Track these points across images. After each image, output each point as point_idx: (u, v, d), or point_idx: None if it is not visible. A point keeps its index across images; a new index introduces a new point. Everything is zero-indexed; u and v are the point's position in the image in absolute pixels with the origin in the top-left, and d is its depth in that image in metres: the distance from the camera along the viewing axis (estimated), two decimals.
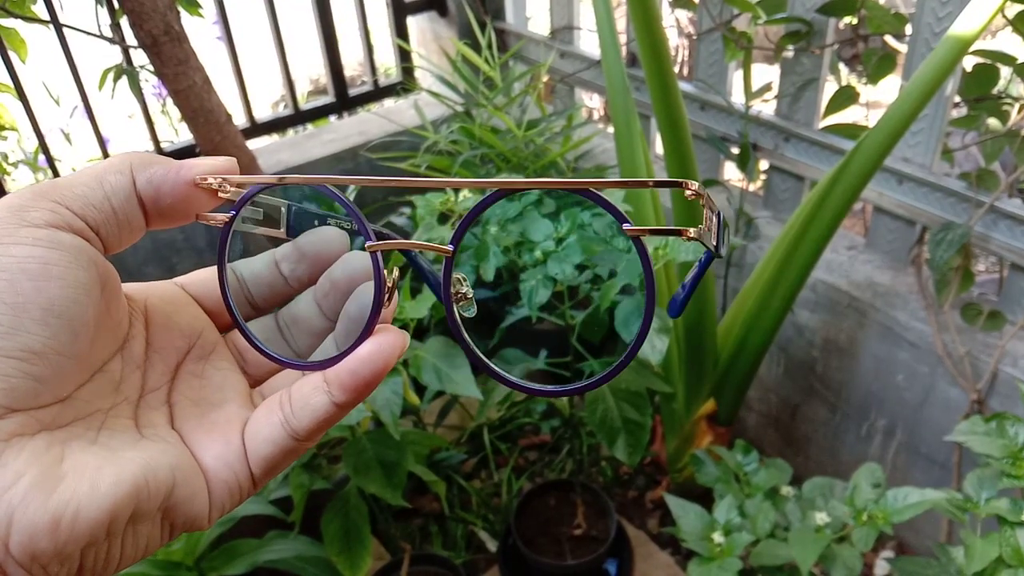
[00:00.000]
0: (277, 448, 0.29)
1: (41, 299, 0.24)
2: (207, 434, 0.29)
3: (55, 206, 0.26)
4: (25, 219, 0.25)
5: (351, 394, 0.28)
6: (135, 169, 0.28)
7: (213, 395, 0.30)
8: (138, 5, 0.97)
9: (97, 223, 0.27)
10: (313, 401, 0.28)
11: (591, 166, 1.55)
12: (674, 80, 1.05)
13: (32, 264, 0.24)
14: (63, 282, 0.25)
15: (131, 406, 0.29)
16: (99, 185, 0.27)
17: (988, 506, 0.79)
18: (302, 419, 0.28)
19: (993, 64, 1.11)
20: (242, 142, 1.16)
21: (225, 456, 0.29)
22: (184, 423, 0.29)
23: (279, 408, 0.29)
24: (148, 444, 0.27)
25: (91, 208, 0.27)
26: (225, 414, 0.30)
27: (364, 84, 1.72)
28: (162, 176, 0.28)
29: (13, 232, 0.25)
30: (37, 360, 0.24)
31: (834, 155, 1.25)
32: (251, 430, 0.29)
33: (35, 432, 0.24)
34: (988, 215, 1.12)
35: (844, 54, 1.56)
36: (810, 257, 1.09)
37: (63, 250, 0.25)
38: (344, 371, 0.28)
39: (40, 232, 0.25)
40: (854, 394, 1.32)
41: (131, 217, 0.28)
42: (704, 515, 0.94)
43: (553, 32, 1.64)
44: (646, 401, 1.01)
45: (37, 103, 1.30)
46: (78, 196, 0.26)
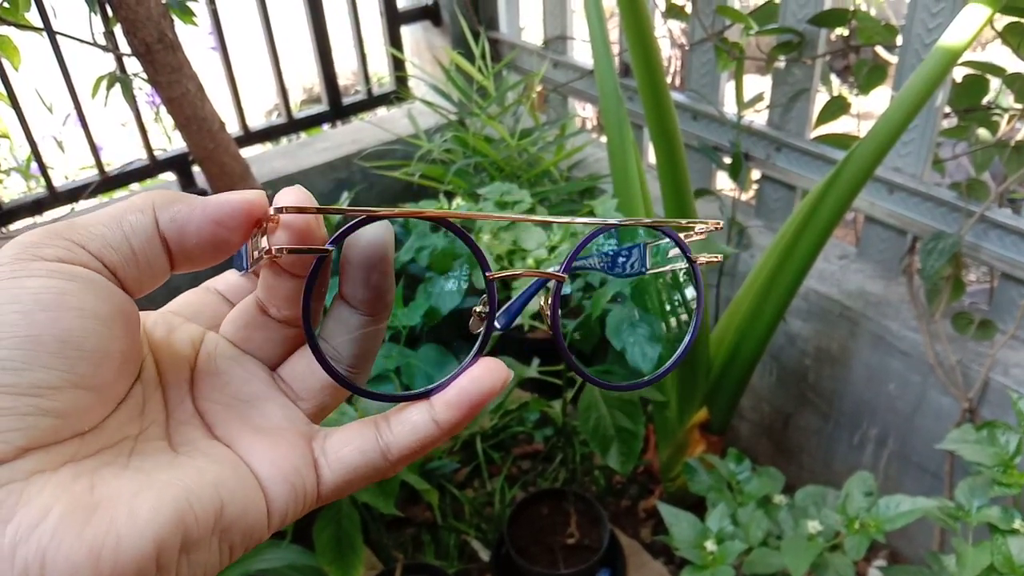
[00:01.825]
0: (365, 460, 0.28)
1: (57, 330, 0.23)
2: (257, 438, 0.28)
3: (70, 244, 0.24)
4: (39, 255, 0.24)
5: (456, 414, 0.27)
6: (157, 208, 0.26)
7: (242, 391, 0.29)
8: (132, 13, 0.97)
9: (115, 264, 0.25)
10: (416, 419, 0.28)
11: (584, 175, 1.56)
12: (666, 90, 1.06)
13: (46, 295, 0.23)
14: (81, 312, 0.24)
15: (160, 427, 0.27)
16: (118, 225, 0.25)
17: (980, 514, 0.79)
18: (399, 435, 0.28)
19: (982, 75, 1.12)
20: (235, 150, 1.16)
21: (289, 459, 0.27)
22: (226, 430, 0.28)
23: (373, 423, 0.28)
24: (185, 462, 0.26)
25: (109, 249, 0.25)
26: (268, 414, 0.29)
27: (358, 93, 1.72)
28: (186, 215, 0.26)
29: (26, 266, 0.23)
30: (55, 395, 0.23)
31: (825, 165, 1.26)
32: (341, 437, 0.28)
33: (58, 466, 0.23)
34: (979, 225, 1.13)
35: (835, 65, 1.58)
36: (802, 266, 1.10)
37: (79, 281, 0.24)
38: (453, 390, 0.27)
39: (54, 265, 0.24)
40: (846, 403, 1.32)
41: (152, 259, 0.26)
42: (697, 523, 0.94)
43: (546, 42, 1.65)
44: (639, 410, 1.01)
45: (30, 111, 1.30)
46: (96, 236, 0.25)
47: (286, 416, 0.29)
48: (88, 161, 1.45)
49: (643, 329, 0.90)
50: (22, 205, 1.37)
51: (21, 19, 1.05)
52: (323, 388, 0.30)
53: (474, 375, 0.28)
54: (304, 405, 0.30)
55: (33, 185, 1.72)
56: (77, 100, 1.32)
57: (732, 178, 1.36)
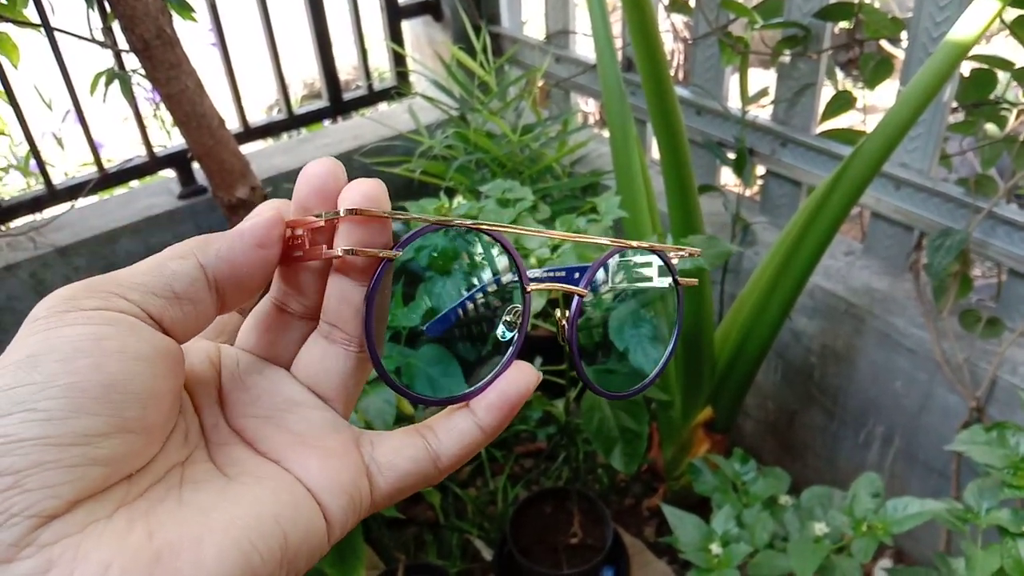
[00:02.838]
0: (416, 468, 0.28)
1: (100, 376, 0.22)
2: (306, 450, 0.27)
3: (109, 295, 0.24)
4: (76, 306, 0.23)
5: (497, 416, 0.28)
6: (198, 252, 0.26)
7: (275, 403, 0.28)
8: (130, 9, 0.96)
9: (158, 311, 0.25)
10: (460, 424, 0.28)
11: (587, 171, 1.54)
12: (670, 85, 1.04)
13: (85, 342, 0.22)
14: (122, 355, 0.23)
15: (203, 450, 0.27)
16: (160, 272, 0.25)
17: (989, 517, 0.78)
18: (448, 443, 0.28)
19: (991, 69, 1.10)
20: (235, 147, 1.15)
21: (344, 470, 0.27)
22: (270, 445, 0.27)
23: (417, 432, 0.29)
24: (239, 491, 0.25)
25: (151, 296, 0.25)
26: (307, 420, 0.28)
27: (358, 88, 1.71)
28: (230, 248, 0.26)
29: (63, 317, 0.23)
30: (104, 441, 0.22)
31: (831, 160, 1.25)
32: (392, 446, 0.28)
33: (111, 512, 0.22)
34: (986, 221, 1.12)
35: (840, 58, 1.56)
36: (808, 263, 1.09)
37: (118, 325, 0.23)
38: (492, 393, 0.28)
39: (92, 313, 0.23)
40: (852, 401, 1.31)
41: (198, 302, 0.26)
42: (701, 525, 0.93)
43: (548, 36, 1.63)
44: (643, 409, 1.00)
45: (29, 108, 1.29)
46: (136, 285, 0.25)
47: (325, 420, 0.29)
48: (88, 158, 1.44)
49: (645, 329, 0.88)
50: (21, 202, 1.36)
51: (19, 16, 1.04)
52: (344, 383, 0.29)
53: (510, 378, 0.28)
54: (335, 405, 0.29)
55: (32, 182, 1.71)
56: (76, 97, 1.31)
57: (736, 174, 1.35)
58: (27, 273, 1.32)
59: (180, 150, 1.45)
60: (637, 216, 1.15)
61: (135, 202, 1.47)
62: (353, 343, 0.29)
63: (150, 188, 1.53)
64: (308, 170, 0.27)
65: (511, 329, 0.30)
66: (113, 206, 1.45)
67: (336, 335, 0.29)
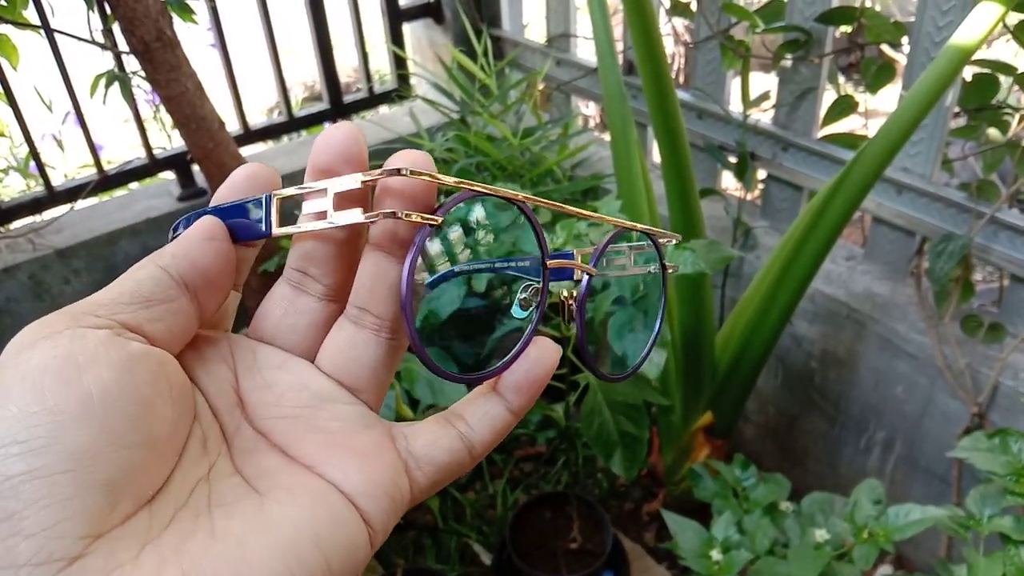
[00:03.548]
0: (453, 458, 0.27)
1: (75, 392, 0.21)
2: (340, 452, 0.25)
3: (76, 315, 0.23)
4: (41, 335, 0.22)
5: (525, 396, 0.27)
6: (155, 258, 0.25)
7: (300, 399, 0.26)
8: (130, 11, 0.96)
9: (135, 320, 0.23)
10: (491, 410, 0.27)
11: (587, 175, 1.54)
12: (671, 88, 1.04)
13: (55, 362, 0.21)
14: (95, 366, 0.21)
15: (227, 458, 0.25)
16: (123, 284, 0.24)
17: (991, 524, 0.78)
18: (482, 431, 0.27)
19: (993, 74, 1.10)
20: (235, 149, 1.15)
21: (383, 471, 0.25)
22: (301, 448, 0.25)
23: (446, 420, 0.28)
24: (273, 511, 0.23)
25: (120, 306, 0.23)
26: (337, 417, 0.26)
27: (359, 91, 1.71)
28: (181, 246, 0.25)
29: (33, 346, 0.21)
30: (96, 463, 0.20)
31: (832, 164, 1.24)
32: (427, 438, 0.27)
33: (137, 553, 0.20)
34: (988, 226, 1.11)
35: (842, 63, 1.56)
36: (809, 268, 1.08)
37: (86, 339, 0.22)
38: (519, 372, 0.27)
39: (59, 337, 0.22)
40: (853, 406, 1.31)
41: (169, 299, 0.24)
42: (702, 531, 0.92)
43: (549, 40, 1.63)
44: (643, 414, 0.99)
45: (29, 109, 1.28)
46: (104, 302, 0.23)
47: (357, 415, 0.27)
48: (88, 159, 1.43)
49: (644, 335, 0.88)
50: (21, 204, 1.36)
51: (19, 17, 1.04)
52: (375, 372, 0.27)
53: (534, 356, 0.27)
54: (365, 397, 0.27)
55: (32, 184, 1.71)
56: (76, 99, 1.30)
57: (738, 178, 1.35)
58: (26, 275, 1.32)
59: (180, 152, 1.44)
60: (638, 220, 1.15)
61: (135, 204, 1.46)
62: (385, 327, 0.27)
63: (150, 190, 1.53)
64: (329, 135, 0.26)
65: (526, 307, 0.29)
66: (113, 208, 1.45)
67: (366, 319, 0.27)
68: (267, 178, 0.27)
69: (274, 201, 0.26)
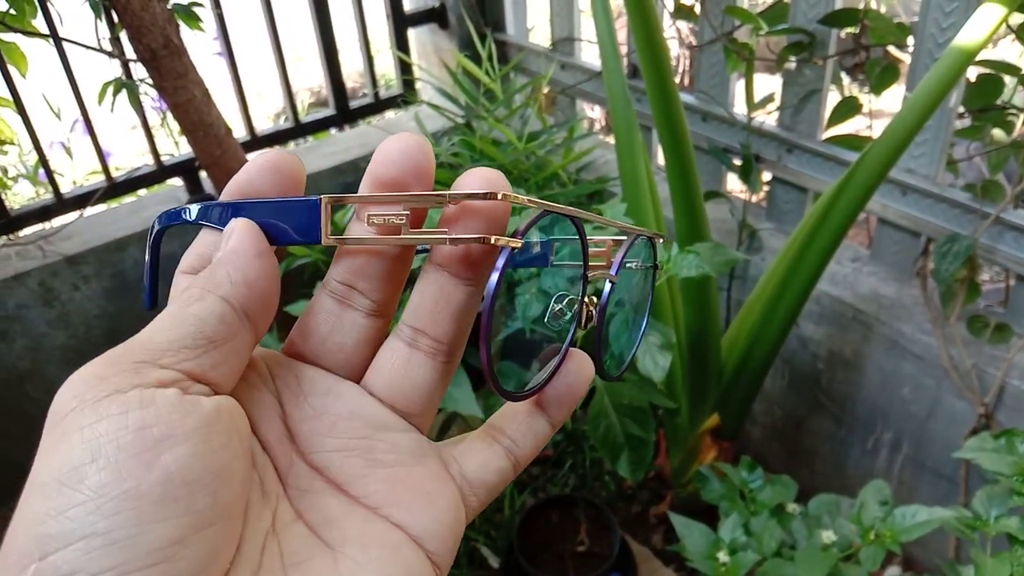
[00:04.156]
0: (503, 479, 0.27)
1: (155, 473, 0.19)
2: (404, 491, 0.24)
3: (138, 366, 0.21)
4: (106, 389, 0.20)
5: (566, 410, 0.27)
6: (210, 287, 0.23)
7: (354, 429, 0.25)
8: (137, 19, 0.97)
9: (200, 366, 0.21)
10: (536, 427, 0.27)
11: (592, 178, 1.54)
12: (675, 91, 1.04)
13: (128, 436, 0.19)
14: (172, 440, 0.20)
15: (286, 501, 0.23)
16: (184, 322, 0.22)
17: (998, 524, 0.78)
18: (526, 447, 0.27)
19: (997, 74, 1.10)
20: (242, 155, 1.16)
21: (448, 509, 0.25)
22: (363, 486, 0.24)
23: (490, 437, 0.27)
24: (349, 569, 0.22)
25: (185, 351, 0.21)
26: (395, 447, 0.25)
27: (365, 96, 1.72)
28: (237, 269, 0.23)
29: (96, 407, 0.19)
30: (182, 550, 0.19)
31: (837, 166, 1.24)
32: (478, 460, 0.26)
33: None
34: (994, 227, 1.11)
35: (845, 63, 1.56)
36: (814, 269, 1.08)
37: (158, 405, 0.20)
38: (562, 388, 0.27)
39: (127, 397, 0.20)
40: (859, 407, 1.31)
41: (233, 336, 0.22)
42: (709, 533, 0.93)
43: (554, 44, 1.64)
44: (649, 417, 1.00)
45: (37, 117, 1.30)
46: (166, 345, 0.21)
47: (413, 445, 0.25)
48: (96, 166, 1.44)
49: (653, 337, 0.88)
50: (30, 211, 1.37)
51: (28, 26, 1.05)
52: (430, 397, 0.26)
53: (573, 369, 0.27)
54: (417, 422, 0.26)
55: (41, 191, 1.72)
56: (84, 106, 1.31)
57: (742, 180, 1.35)
58: (36, 282, 1.33)
59: (188, 159, 1.45)
60: (643, 222, 1.15)
61: (143, 210, 1.47)
62: (442, 351, 0.25)
63: (158, 196, 1.54)
64: (399, 146, 0.24)
65: (559, 318, 0.28)
66: (121, 214, 1.46)
67: (422, 340, 0.25)
68: (293, 169, 0.25)
69: (324, 205, 0.24)
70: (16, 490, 0.20)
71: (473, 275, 0.25)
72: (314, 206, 0.24)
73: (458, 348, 0.26)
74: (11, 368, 1.35)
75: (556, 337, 0.29)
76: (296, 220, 0.24)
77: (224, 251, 0.24)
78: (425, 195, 0.23)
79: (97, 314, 1.40)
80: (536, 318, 0.87)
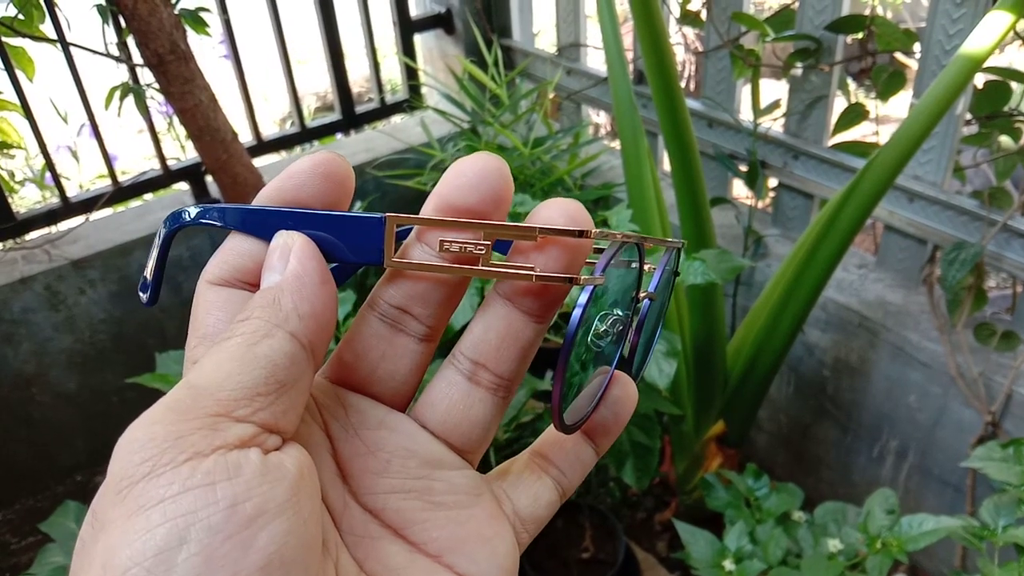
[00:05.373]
0: (551, 511, 0.26)
1: (253, 558, 0.17)
2: (464, 536, 0.23)
3: (216, 423, 0.18)
4: (185, 451, 0.18)
5: (613, 438, 0.26)
6: (277, 322, 0.20)
7: (409, 469, 0.23)
8: (144, 24, 0.97)
9: (274, 416, 0.19)
10: (583, 456, 0.26)
11: (598, 184, 1.54)
12: (681, 97, 1.04)
13: (219, 515, 0.17)
14: (266, 517, 0.17)
15: (345, 551, 0.22)
16: (253, 364, 0.19)
17: (1006, 534, 0.77)
18: (573, 477, 0.26)
19: (1004, 81, 1.10)
20: (248, 160, 1.16)
21: (508, 553, 0.24)
22: (421, 531, 0.23)
23: (538, 467, 0.26)
24: None
25: (259, 399, 0.19)
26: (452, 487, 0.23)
27: (371, 101, 1.72)
28: (305, 301, 0.21)
29: (175, 473, 0.17)
30: None
31: (844, 173, 1.24)
32: (529, 494, 0.25)
33: None
34: (1001, 234, 1.11)
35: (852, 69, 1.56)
36: (821, 276, 1.08)
37: (245, 473, 0.18)
38: (608, 416, 0.26)
39: (210, 462, 0.17)
40: (865, 415, 1.30)
41: (302, 377, 0.20)
42: (714, 542, 0.92)
43: (560, 49, 1.64)
44: (655, 424, 0.99)
45: (44, 120, 1.30)
46: (239, 394, 0.19)
47: (468, 483, 0.24)
48: (103, 170, 1.45)
49: (658, 344, 0.88)
50: (37, 215, 1.37)
51: (36, 31, 1.06)
52: (486, 434, 0.24)
53: (619, 395, 0.26)
54: (471, 458, 0.25)
55: (48, 195, 1.73)
56: (91, 110, 1.32)
57: (748, 186, 1.35)
58: (42, 286, 1.33)
59: (194, 163, 1.46)
60: (649, 229, 1.15)
61: (149, 215, 1.48)
62: (503, 386, 0.24)
63: (164, 201, 1.54)
64: (480, 170, 0.21)
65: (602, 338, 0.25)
66: (127, 219, 1.46)
67: (482, 375, 0.24)
68: (345, 176, 0.22)
69: (389, 225, 0.22)
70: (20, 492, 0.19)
71: (544, 313, 0.23)
72: (377, 225, 0.22)
73: (517, 383, 0.24)
74: (17, 372, 1.35)
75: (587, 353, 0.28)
76: (353, 237, 0.22)
77: (287, 277, 0.21)
78: (513, 227, 0.21)
79: (103, 318, 1.41)
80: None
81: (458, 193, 0.21)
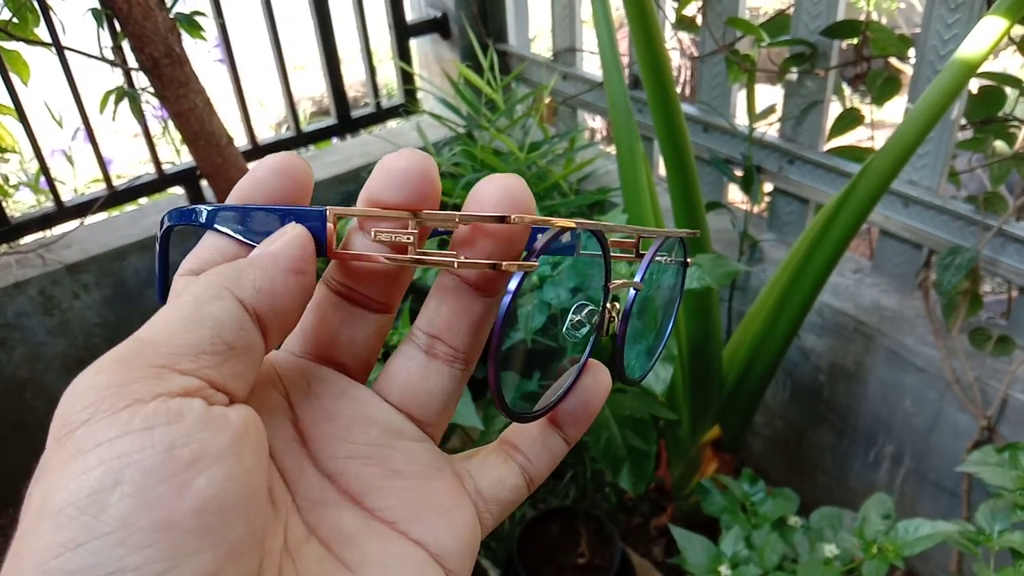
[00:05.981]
0: (517, 496, 0.26)
1: (188, 501, 0.17)
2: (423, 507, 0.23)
3: (159, 373, 0.18)
4: (126, 399, 0.17)
5: (583, 427, 0.26)
6: (232, 287, 0.21)
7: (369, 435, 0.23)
8: (139, 28, 0.97)
9: (220, 374, 0.19)
10: (551, 445, 0.26)
11: (594, 188, 1.54)
12: (677, 102, 1.04)
13: (154, 457, 0.17)
14: (205, 462, 0.17)
15: (297, 515, 0.22)
16: (200, 322, 0.19)
17: (1002, 539, 0.77)
18: (540, 465, 0.26)
19: (999, 86, 1.10)
20: (243, 164, 1.16)
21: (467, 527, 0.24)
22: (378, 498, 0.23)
23: (505, 454, 0.26)
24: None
25: (204, 357, 0.19)
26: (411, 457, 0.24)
27: (367, 105, 1.72)
28: (265, 278, 0.21)
29: (113, 418, 0.17)
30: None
31: (839, 177, 1.24)
32: (494, 476, 0.26)
33: None
34: (996, 238, 1.11)
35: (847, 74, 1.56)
36: (816, 281, 1.08)
37: (186, 419, 0.18)
38: (578, 405, 0.26)
39: (150, 409, 0.17)
40: (861, 419, 1.30)
41: (250, 346, 0.20)
42: (710, 547, 0.92)
43: (555, 54, 1.64)
44: (651, 429, 0.99)
45: (39, 124, 1.30)
46: (185, 348, 0.19)
47: (428, 455, 0.24)
48: (97, 175, 1.44)
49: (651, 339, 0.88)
50: (31, 219, 1.37)
51: (30, 34, 1.05)
52: (446, 406, 0.25)
53: (589, 384, 0.26)
54: (432, 431, 0.25)
55: (42, 199, 1.72)
56: (85, 114, 1.32)
57: (744, 191, 1.35)
58: (36, 290, 1.32)
59: (189, 167, 1.45)
60: None
61: (144, 219, 1.47)
62: (459, 359, 0.25)
63: (159, 205, 1.54)
64: (403, 167, 0.22)
65: (577, 328, 0.27)
66: (122, 223, 1.46)
67: (439, 348, 0.24)
68: (302, 173, 0.23)
69: (331, 217, 0.23)
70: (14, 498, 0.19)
71: (491, 289, 0.24)
72: (320, 217, 0.23)
73: (474, 357, 0.25)
74: (10, 376, 1.34)
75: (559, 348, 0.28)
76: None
77: (263, 251, 0.22)
78: (434, 215, 0.22)
79: (97, 323, 1.40)
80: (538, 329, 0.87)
81: (383, 192, 0.22)
